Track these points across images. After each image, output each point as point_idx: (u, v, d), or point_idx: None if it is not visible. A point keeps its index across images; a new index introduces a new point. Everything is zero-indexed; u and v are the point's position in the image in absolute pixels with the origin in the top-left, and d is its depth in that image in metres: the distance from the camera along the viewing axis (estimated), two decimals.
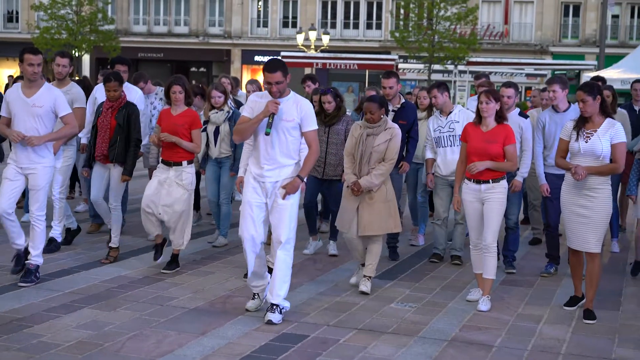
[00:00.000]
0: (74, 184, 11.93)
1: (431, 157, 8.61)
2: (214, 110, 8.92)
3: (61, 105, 7.19)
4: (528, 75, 35.78)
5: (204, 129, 8.82)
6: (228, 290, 7.25)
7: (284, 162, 6.31)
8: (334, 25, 41.60)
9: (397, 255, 8.82)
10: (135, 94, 8.95)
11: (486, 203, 6.97)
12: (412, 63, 36.08)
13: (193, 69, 43.32)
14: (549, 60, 37.49)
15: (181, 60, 42.80)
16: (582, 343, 6.11)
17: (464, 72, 33.02)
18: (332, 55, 33.95)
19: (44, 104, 7.08)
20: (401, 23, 36.54)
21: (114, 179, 8.10)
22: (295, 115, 6.25)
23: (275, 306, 6.29)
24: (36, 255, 7.21)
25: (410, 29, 35.16)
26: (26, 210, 9.17)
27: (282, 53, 32.26)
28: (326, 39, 36.36)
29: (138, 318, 6.29)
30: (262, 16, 42.81)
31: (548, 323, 6.60)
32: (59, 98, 7.20)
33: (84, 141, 8.97)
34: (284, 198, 6.26)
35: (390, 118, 8.06)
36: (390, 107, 8.42)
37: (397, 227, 7.55)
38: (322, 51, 35.33)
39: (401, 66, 34.90)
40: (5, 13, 44.26)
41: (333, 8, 41.96)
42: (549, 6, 39.99)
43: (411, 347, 5.85)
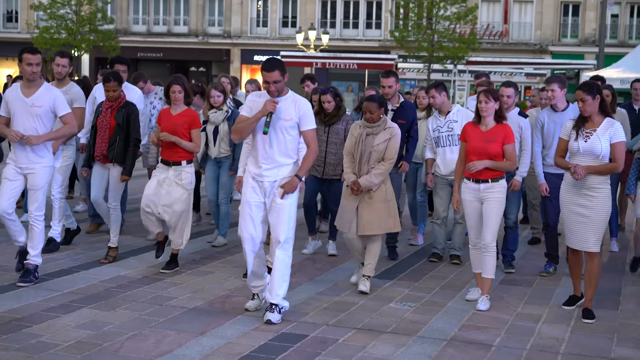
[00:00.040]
0: (73, 184, 11.92)
1: (431, 157, 8.61)
2: (213, 109, 8.92)
3: (60, 105, 7.18)
4: (527, 74, 35.79)
5: (203, 129, 8.82)
6: (227, 290, 7.25)
7: (282, 162, 6.31)
8: (334, 24, 41.60)
9: (397, 254, 8.82)
10: (134, 94, 8.95)
11: (485, 202, 6.97)
12: (412, 63, 36.06)
13: (192, 69, 43.31)
14: (549, 59, 37.45)
15: (181, 60, 42.78)
16: (581, 342, 6.11)
17: (464, 72, 33.00)
18: (332, 54, 33.91)
19: (43, 104, 7.07)
20: (401, 23, 36.49)
21: (113, 179, 8.10)
22: (293, 114, 6.25)
23: (274, 306, 6.29)
24: (35, 255, 7.21)
25: (409, 29, 35.13)
26: (25, 210, 9.16)
27: (282, 53, 32.22)
28: (326, 39, 36.35)
29: (137, 318, 6.29)
30: (262, 16, 42.80)
31: (547, 322, 6.59)
32: (58, 98, 7.19)
33: (83, 141, 8.97)
34: (283, 197, 6.26)
35: (389, 117, 8.06)
36: (389, 107, 8.42)
37: (397, 227, 7.55)
38: (322, 51, 35.31)
39: (401, 66, 34.88)
40: (4, 13, 44.24)
41: (333, 8, 41.95)
42: (549, 6, 39.99)
43: (410, 347, 5.85)
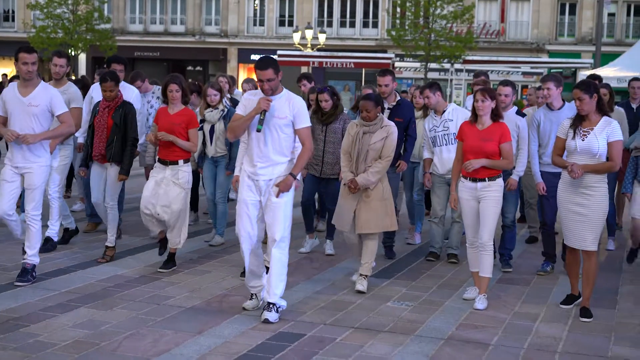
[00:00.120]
0: (70, 183, 11.91)
1: (429, 157, 8.61)
2: (210, 108, 8.91)
3: (57, 104, 7.16)
4: (524, 73, 35.79)
5: (201, 128, 8.81)
6: (225, 289, 7.25)
7: (277, 160, 6.30)
8: (331, 23, 41.60)
9: (394, 254, 8.82)
10: (131, 93, 8.94)
11: (482, 201, 6.97)
12: (409, 61, 36.05)
13: (189, 68, 43.28)
14: (546, 58, 37.52)
15: (177, 59, 42.75)
16: (579, 341, 6.11)
17: (461, 71, 33.06)
18: (329, 53, 33.97)
19: (40, 103, 7.06)
20: (397, 21, 36.50)
21: (111, 178, 8.08)
22: (287, 112, 6.24)
23: (271, 305, 6.29)
24: (32, 254, 7.20)
25: (406, 28, 35.10)
26: (22, 209, 9.14)
27: (279, 52, 32.26)
28: (322, 38, 36.37)
29: (134, 317, 6.28)
30: (259, 15, 42.78)
31: (544, 321, 6.60)
32: (55, 97, 7.18)
33: (81, 140, 8.96)
34: (278, 196, 6.26)
35: (386, 116, 8.07)
36: (386, 105, 8.41)
37: (394, 226, 7.55)
38: (319, 50, 35.34)
39: (398, 64, 34.90)
40: (1, 12, 44.20)
41: (329, 6, 41.94)
42: (545, 4, 40.00)
43: (408, 346, 5.85)
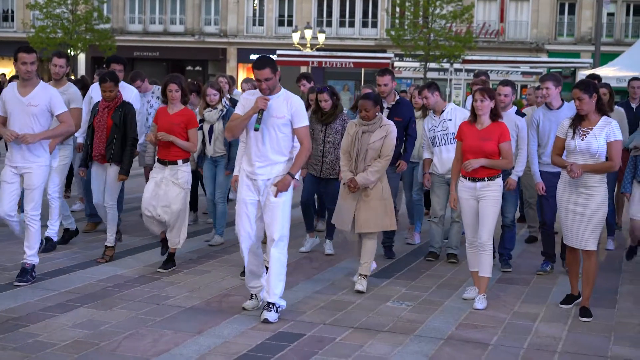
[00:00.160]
0: (70, 183, 11.90)
1: (428, 158, 8.60)
2: (209, 108, 8.91)
3: (57, 103, 7.16)
4: (524, 73, 35.82)
5: (200, 127, 8.81)
6: (224, 289, 7.24)
7: (275, 159, 6.29)
8: (330, 23, 41.61)
9: (393, 253, 8.82)
10: (130, 93, 8.94)
11: (481, 201, 6.97)
12: (408, 61, 36.09)
13: (189, 68, 43.29)
14: (545, 58, 37.52)
15: (177, 59, 42.75)
16: (578, 341, 6.11)
17: (460, 71, 33.08)
18: (328, 53, 33.96)
19: (39, 103, 7.05)
20: (397, 21, 36.51)
21: (110, 178, 8.07)
22: (285, 111, 6.24)
23: (271, 305, 6.28)
24: (31, 254, 7.20)
25: (406, 27, 35.12)
26: (22, 209, 9.14)
27: (278, 52, 32.27)
28: (322, 38, 36.37)
29: (134, 317, 6.28)
30: (258, 15, 42.79)
31: (544, 321, 6.60)
32: (55, 97, 7.17)
33: (81, 140, 8.96)
34: (276, 196, 6.26)
35: (385, 115, 8.07)
36: (385, 105, 8.42)
37: (393, 225, 7.55)
38: (318, 50, 35.33)
39: (397, 64, 34.91)
40: (0, 12, 44.17)
41: (329, 6, 41.95)
42: (545, 4, 40.03)
43: (407, 346, 5.84)
